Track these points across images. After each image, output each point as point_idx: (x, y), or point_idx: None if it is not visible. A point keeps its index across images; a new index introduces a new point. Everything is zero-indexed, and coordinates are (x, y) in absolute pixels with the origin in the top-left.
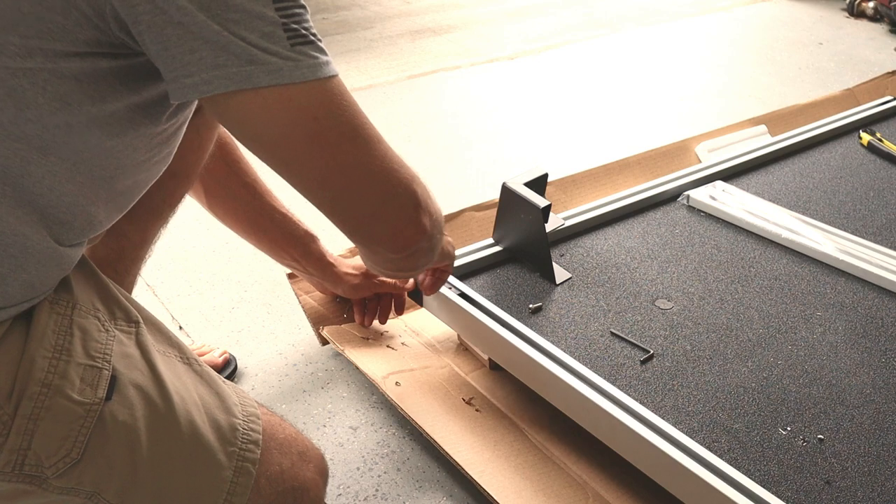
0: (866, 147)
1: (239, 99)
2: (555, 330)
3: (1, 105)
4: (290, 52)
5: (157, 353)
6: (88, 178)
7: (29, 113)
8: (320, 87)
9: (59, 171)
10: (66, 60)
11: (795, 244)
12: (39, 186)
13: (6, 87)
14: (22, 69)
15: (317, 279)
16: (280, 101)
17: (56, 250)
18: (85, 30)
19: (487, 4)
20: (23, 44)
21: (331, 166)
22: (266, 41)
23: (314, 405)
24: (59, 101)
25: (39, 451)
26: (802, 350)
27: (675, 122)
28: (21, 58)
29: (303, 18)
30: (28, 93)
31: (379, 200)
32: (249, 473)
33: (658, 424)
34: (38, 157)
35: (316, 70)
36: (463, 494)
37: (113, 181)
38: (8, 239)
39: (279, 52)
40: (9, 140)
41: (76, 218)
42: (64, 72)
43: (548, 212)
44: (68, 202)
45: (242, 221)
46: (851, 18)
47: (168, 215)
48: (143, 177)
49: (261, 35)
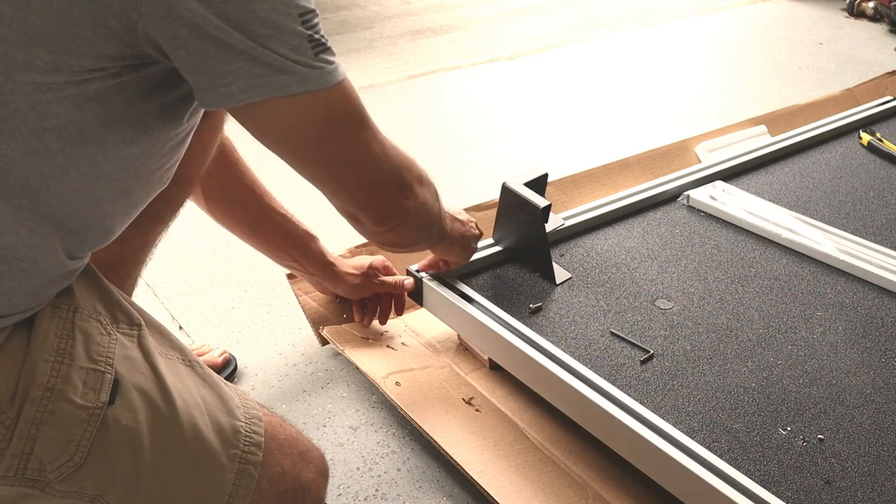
0: (866, 147)
1: (271, 105)
2: (555, 330)
3: (23, 118)
4: (314, 60)
5: (160, 356)
6: (108, 192)
7: (48, 122)
8: (338, 90)
9: (78, 187)
10: (90, 74)
11: (795, 244)
12: (57, 200)
13: (30, 100)
14: (47, 84)
15: (317, 279)
16: (307, 106)
17: (65, 264)
18: (112, 45)
19: (487, 4)
20: (51, 59)
21: (341, 156)
22: (295, 53)
23: (314, 405)
24: (76, 109)
25: (42, 456)
26: (802, 350)
27: (675, 122)
28: (48, 73)
29: (320, 27)
30: (51, 105)
31: (374, 180)
32: (251, 476)
33: (658, 424)
34: (60, 173)
35: (335, 75)
36: (463, 494)
37: (130, 193)
38: (20, 252)
39: (307, 63)
40: (32, 156)
41: (90, 230)
42: (87, 85)
43: (548, 212)
44: (84, 215)
45: (242, 223)
46: (851, 18)
47: (169, 220)
48: (157, 186)
49: (290, 48)
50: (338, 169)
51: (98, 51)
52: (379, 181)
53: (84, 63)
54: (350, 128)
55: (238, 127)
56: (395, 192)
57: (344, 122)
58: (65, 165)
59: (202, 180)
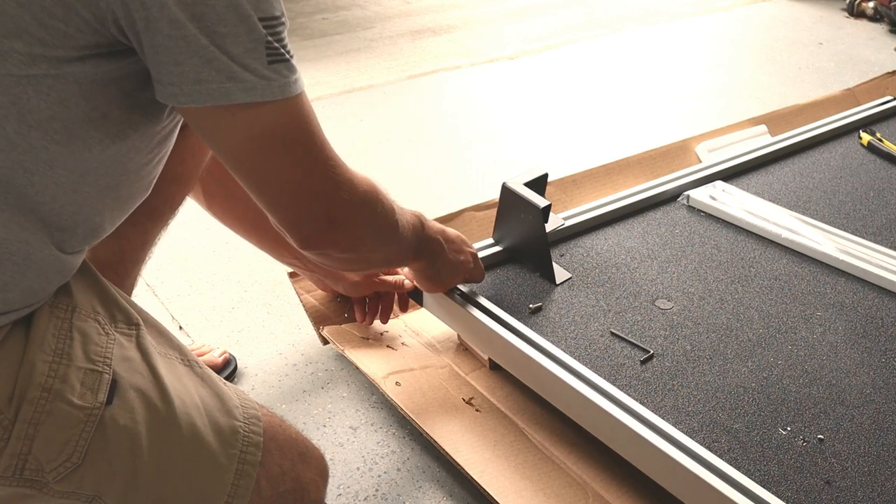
0: (866, 147)
1: (212, 112)
2: (555, 330)
3: (5, 113)
4: (266, 69)
5: (158, 356)
6: (94, 188)
7: (31, 118)
8: (287, 106)
9: (64, 182)
10: (69, 65)
11: (795, 244)
12: (42, 196)
13: (10, 94)
14: (26, 76)
15: (318, 277)
16: (249, 117)
17: (58, 258)
18: (86, 35)
19: (487, 4)
20: (27, 51)
21: (276, 175)
22: (248, 57)
23: (314, 405)
24: (60, 105)
25: (40, 456)
26: (802, 350)
27: (675, 122)
28: (25, 65)
29: (283, 36)
30: (32, 100)
31: (304, 207)
32: (250, 476)
33: (658, 424)
34: (45, 168)
35: (285, 89)
36: (463, 494)
37: (118, 188)
38: (11, 247)
39: (257, 70)
40: (14, 152)
41: (79, 226)
42: (67, 76)
43: (548, 212)
44: (71, 211)
45: (243, 221)
46: (851, 18)
47: (168, 218)
48: (147, 180)
49: (245, 50)
50: (269, 187)
51: (73, 41)
52: (309, 211)
53: (60, 53)
54: (292, 148)
55: None
56: (321, 223)
57: (286, 141)
58: (49, 161)
59: (202, 178)
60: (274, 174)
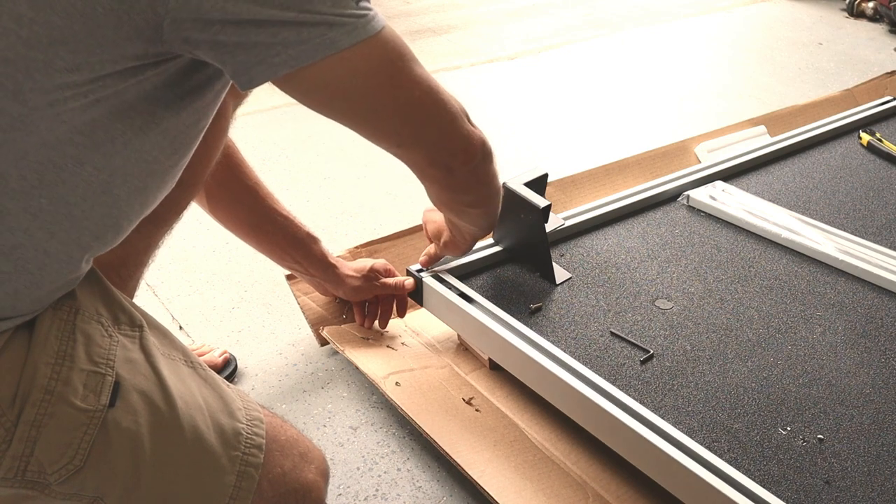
0: (866, 147)
1: (322, 66)
2: (555, 330)
3: (41, 115)
4: (357, 9)
5: (162, 357)
6: (124, 189)
7: (64, 117)
8: (387, 35)
9: (94, 182)
10: (111, 69)
11: (795, 244)
12: (74, 195)
13: (49, 98)
14: (67, 83)
15: (317, 280)
16: (362, 56)
17: (75, 269)
18: (134, 43)
19: (487, 4)
20: (72, 59)
21: (410, 99)
22: (338, 7)
23: (314, 405)
24: (93, 105)
25: (42, 458)
26: (802, 350)
27: (675, 122)
28: (68, 72)
29: None
30: (68, 102)
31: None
32: (252, 478)
33: (658, 424)
34: (74, 165)
35: (379, 20)
36: (463, 494)
37: (145, 191)
38: (28, 253)
39: (351, 14)
40: (44, 147)
41: (108, 230)
42: (105, 80)
43: (548, 212)
44: (102, 213)
45: (245, 224)
46: (851, 18)
47: (173, 223)
48: (169, 186)
49: (332, 4)
50: (413, 109)
51: (120, 49)
52: (453, 108)
53: (105, 60)
54: (409, 64)
55: (239, 129)
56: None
57: (402, 60)
58: (76, 156)
59: (205, 181)
60: (414, 96)
